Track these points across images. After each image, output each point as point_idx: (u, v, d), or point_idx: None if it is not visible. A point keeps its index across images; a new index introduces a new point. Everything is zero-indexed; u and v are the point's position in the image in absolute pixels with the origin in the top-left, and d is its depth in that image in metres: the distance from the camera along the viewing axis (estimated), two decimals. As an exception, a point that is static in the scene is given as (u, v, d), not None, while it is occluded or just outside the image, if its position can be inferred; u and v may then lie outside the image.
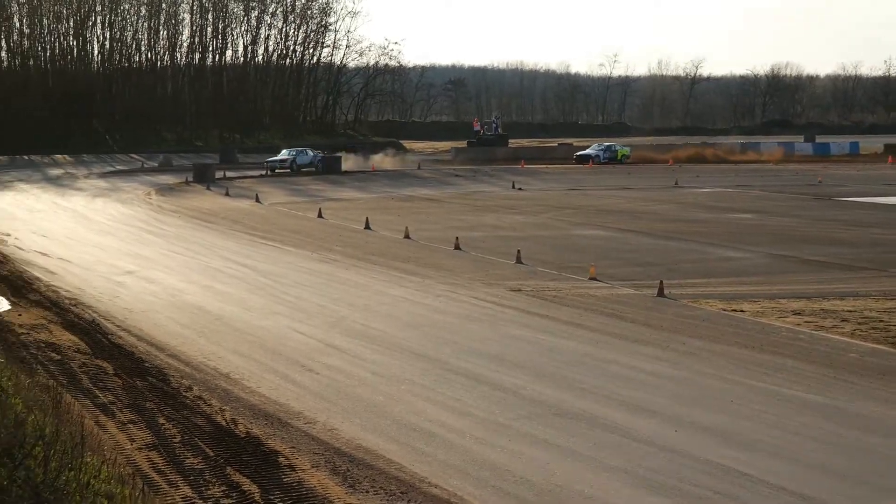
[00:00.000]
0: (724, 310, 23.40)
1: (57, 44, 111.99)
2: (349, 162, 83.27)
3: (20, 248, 33.26)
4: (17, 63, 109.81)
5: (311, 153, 79.95)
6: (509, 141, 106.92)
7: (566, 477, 12.57)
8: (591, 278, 27.44)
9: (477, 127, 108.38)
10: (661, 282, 25.59)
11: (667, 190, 60.55)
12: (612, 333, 20.85)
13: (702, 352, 19.24)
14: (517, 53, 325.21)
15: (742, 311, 23.26)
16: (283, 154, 79.88)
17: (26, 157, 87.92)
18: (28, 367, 16.65)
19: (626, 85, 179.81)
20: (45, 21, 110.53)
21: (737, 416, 15.05)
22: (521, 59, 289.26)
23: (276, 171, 75.83)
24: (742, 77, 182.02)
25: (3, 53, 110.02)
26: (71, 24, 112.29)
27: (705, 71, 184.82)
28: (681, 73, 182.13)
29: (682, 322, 21.99)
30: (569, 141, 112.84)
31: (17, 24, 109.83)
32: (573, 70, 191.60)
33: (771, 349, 19.41)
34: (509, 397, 15.99)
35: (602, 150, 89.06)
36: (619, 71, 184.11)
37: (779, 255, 32.28)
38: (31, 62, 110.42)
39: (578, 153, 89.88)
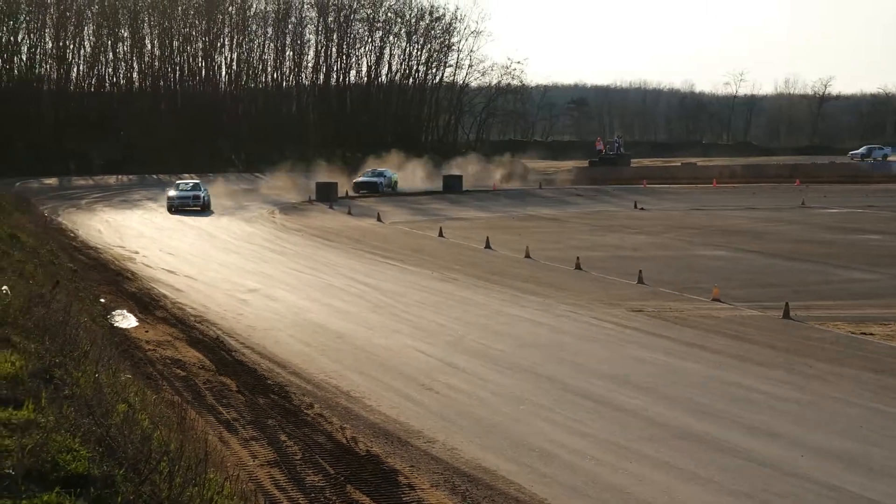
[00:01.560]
0: (853, 333, 22.90)
1: (186, 65, 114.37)
2: (470, 180, 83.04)
3: (148, 266, 33.92)
4: (148, 84, 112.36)
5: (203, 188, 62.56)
6: (631, 160, 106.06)
7: (688, 500, 12.38)
8: (714, 299, 27.06)
9: (599, 146, 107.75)
10: (787, 303, 25.12)
11: (793, 210, 59.46)
12: (736, 355, 20.52)
13: (828, 375, 18.84)
14: (640, 72, 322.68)
15: (871, 334, 22.74)
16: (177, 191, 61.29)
17: (154, 177, 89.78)
18: (154, 383, 16.95)
19: (751, 104, 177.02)
20: (175, 43, 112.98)
21: (864, 441, 14.69)
22: (645, 77, 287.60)
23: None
24: (873, 95, 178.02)
25: (136, 74, 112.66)
26: (200, 45, 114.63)
27: (834, 89, 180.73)
28: (809, 91, 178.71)
29: (808, 345, 21.56)
30: (692, 160, 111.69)
31: (149, 47, 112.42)
32: (697, 89, 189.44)
33: (901, 373, 18.94)
34: (630, 419, 15.82)
35: (380, 176, 79.21)
36: (744, 90, 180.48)
37: (909, 277, 31.53)
38: (162, 83, 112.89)
39: (358, 180, 78.28)
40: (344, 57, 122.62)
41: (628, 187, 79.91)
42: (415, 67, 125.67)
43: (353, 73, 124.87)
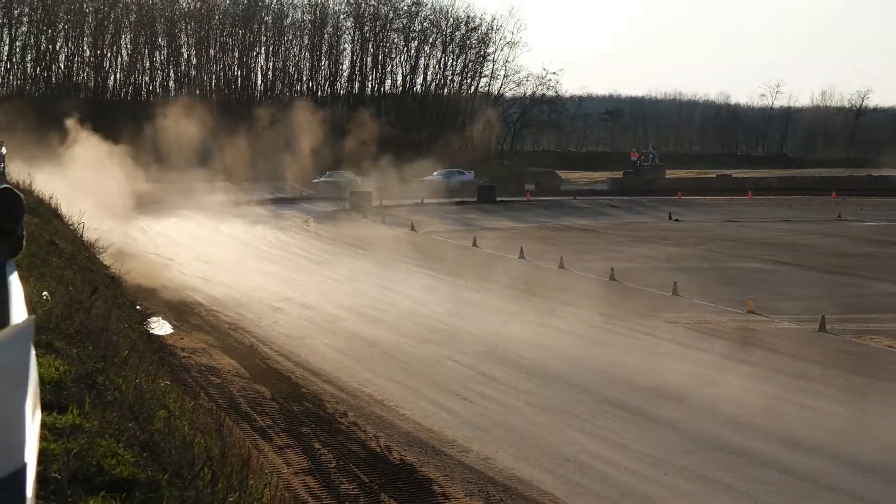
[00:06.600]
0: (891, 346, 22.77)
1: (222, 74, 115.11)
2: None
3: (183, 273, 34.03)
4: (184, 92, 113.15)
5: None
6: (666, 172, 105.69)
7: (723, 514, 12.36)
8: (750, 311, 26.97)
9: (634, 157, 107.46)
10: (823, 316, 24.99)
11: (829, 223, 59.12)
12: (772, 368, 20.45)
13: (866, 389, 18.74)
14: (675, 83, 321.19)
15: (908, 348, 22.61)
16: None
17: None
18: (190, 391, 17.03)
19: (787, 116, 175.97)
20: (211, 51, 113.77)
21: (902, 456, 14.62)
22: (680, 88, 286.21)
23: None
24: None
25: (172, 83, 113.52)
26: (236, 54, 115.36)
27: (872, 102, 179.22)
28: (846, 103, 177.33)
29: (844, 358, 21.46)
30: (728, 172, 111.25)
31: (185, 55, 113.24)
32: (733, 100, 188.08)
33: (939, 388, 18.82)
34: (666, 430, 15.80)
35: None
36: (780, 101, 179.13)
37: (947, 291, 31.31)
38: (198, 91, 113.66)
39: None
40: (379, 66, 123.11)
41: (663, 198, 79.61)
42: (450, 78, 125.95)
43: (388, 82, 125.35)
